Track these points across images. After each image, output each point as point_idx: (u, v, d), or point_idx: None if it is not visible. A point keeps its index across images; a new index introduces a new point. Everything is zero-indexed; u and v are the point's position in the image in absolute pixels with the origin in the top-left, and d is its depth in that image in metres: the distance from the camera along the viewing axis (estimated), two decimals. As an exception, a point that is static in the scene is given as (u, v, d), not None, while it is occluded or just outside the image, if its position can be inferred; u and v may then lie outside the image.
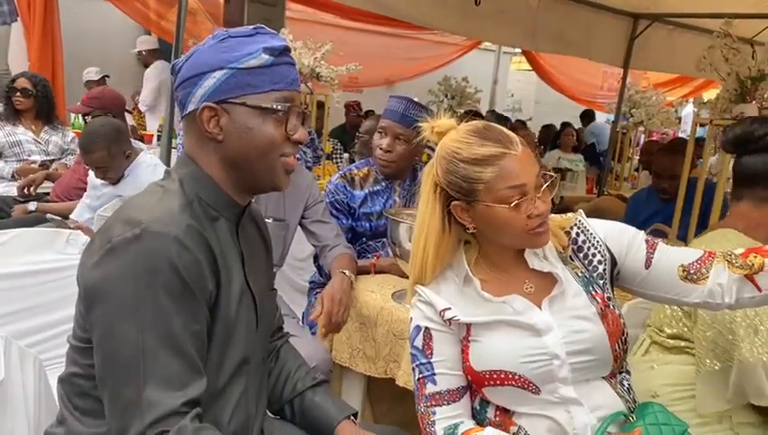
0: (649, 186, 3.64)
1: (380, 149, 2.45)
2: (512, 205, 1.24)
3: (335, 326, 1.98)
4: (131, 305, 1.06)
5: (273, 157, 1.20)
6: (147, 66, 6.31)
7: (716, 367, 1.54)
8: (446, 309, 1.33)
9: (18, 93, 4.01)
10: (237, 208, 1.26)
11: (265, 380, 1.41)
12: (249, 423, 1.29)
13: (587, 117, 9.69)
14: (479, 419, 1.36)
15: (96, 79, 6.04)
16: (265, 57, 1.16)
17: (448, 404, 1.32)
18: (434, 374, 1.33)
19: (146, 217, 1.10)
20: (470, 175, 1.26)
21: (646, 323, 1.85)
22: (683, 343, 1.68)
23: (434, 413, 1.32)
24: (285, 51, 1.19)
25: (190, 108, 1.18)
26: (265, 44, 1.17)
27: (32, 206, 3.51)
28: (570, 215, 1.42)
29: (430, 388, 1.33)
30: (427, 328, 1.35)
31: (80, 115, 4.95)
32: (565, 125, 7.51)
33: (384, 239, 2.44)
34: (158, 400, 1.05)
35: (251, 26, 1.20)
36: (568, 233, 1.40)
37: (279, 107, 1.17)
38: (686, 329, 1.66)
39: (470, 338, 1.33)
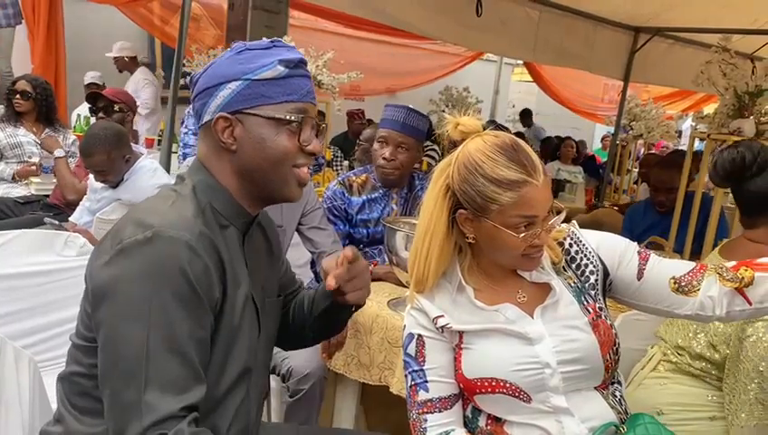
0: (647, 198, 3.66)
1: (383, 158, 2.45)
2: (518, 234, 1.25)
3: (336, 347, 1.99)
4: (138, 307, 1.06)
5: (286, 168, 1.21)
6: (121, 71, 6.30)
7: (752, 424, 1.50)
8: (438, 316, 1.34)
9: (18, 96, 4.04)
10: (248, 218, 1.27)
11: (265, 387, 1.42)
12: (248, 431, 1.30)
13: (525, 116, 9.87)
14: (471, 427, 1.37)
15: (100, 84, 6.04)
16: (280, 69, 1.17)
17: (440, 412, 1.33)
18: (426, 382, 1.34)
19: (158, 221, 1.10)
20: (487, 193, 1.26)
21: (657, 335, 1.84)
22: (696, 371, 1.67)
23: (425, 420, 1.33)
24: (301, 63, 1.20)
25: (206, 118, 1.20)
26: (281, 57, 1.18)
27: (58, 152, 3.68)
28: (563, 226, 1.43)
29: (422, 395, 1.34)
30: (419, 335, 1.35)
31: (81, 117, 4.97)
32: (565, 137, 7.53)
33: (381, 247, 2.45)
34: (157, 403, 1.05)
35: (268, 39, 1.22)
36: (561, 244, 1.41)
37: (292, 118, 1.18)
38: (711, 362, 1.64)
39: (462, 345, 1.34)
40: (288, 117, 1.18)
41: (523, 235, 1.25)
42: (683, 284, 1.34)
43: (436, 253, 1.33)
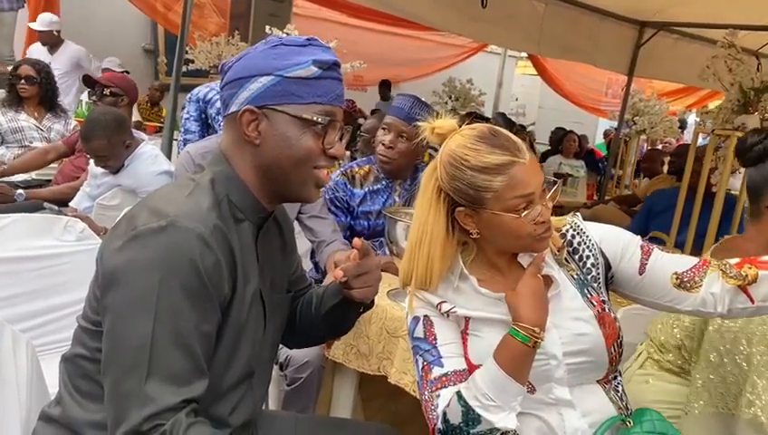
0: (676, 187, 3.66)
1: (383, 145, 2.45)
2: (520, 214, 1.25)
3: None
4: (147, 296, 1.06)
5: (307, 168, 1.20)
6: (46, 45, 5.79)
7: (710, 410, 1.49)
8: (441, 302, 1.33)
9: (22, 81, 4.02)
10: (264, 213, 1.26)
11: (268, 383, 1.41)
12: (250, 423, 1.30)
13: (385, 85, 8.70)
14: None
15: (116, 70, 5.97)
16: (314, 69, 1.16)
17: (455, 385, 1.28)
18: (441, 357, 1.30)
19: (173, 211, 1.10)
20: (478, 183, 1.25)
21: (646, 333, 1.84)
22: (676, 368, 1.68)
23: (438, 396, 1.28)
24: (335, 65, 1.19)
25: (232, 109, 1.19)
26: (315, 57, 1.17)
27: (20, 196, 3.46)
28: (565, 216, 1.43)
29: (436, 371, 1.29)
30: (426, 316, 1.34)
31: (83, 103, 4.96)
32: (567, 131, 7.52)
33: (382, 239, 2.44)
34: (158, 395, 1.05)
35: (304, 37, 1.21)
36: (563, 235, 1.40)
37: (319, 120, 1.17)
38: (683, 357, 1.65)
39: (469, 331, 1.33)
40: (315, 118, 1.17)
41: (525, 214, 1.25)
42: (685, 279, 1.33)
43: (438, 255, 1.32)
